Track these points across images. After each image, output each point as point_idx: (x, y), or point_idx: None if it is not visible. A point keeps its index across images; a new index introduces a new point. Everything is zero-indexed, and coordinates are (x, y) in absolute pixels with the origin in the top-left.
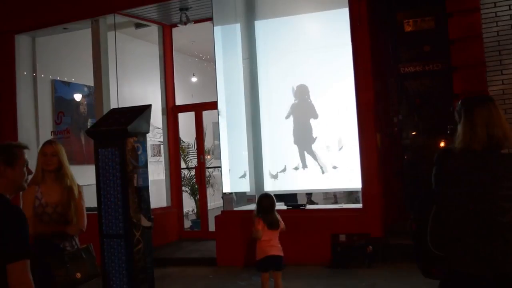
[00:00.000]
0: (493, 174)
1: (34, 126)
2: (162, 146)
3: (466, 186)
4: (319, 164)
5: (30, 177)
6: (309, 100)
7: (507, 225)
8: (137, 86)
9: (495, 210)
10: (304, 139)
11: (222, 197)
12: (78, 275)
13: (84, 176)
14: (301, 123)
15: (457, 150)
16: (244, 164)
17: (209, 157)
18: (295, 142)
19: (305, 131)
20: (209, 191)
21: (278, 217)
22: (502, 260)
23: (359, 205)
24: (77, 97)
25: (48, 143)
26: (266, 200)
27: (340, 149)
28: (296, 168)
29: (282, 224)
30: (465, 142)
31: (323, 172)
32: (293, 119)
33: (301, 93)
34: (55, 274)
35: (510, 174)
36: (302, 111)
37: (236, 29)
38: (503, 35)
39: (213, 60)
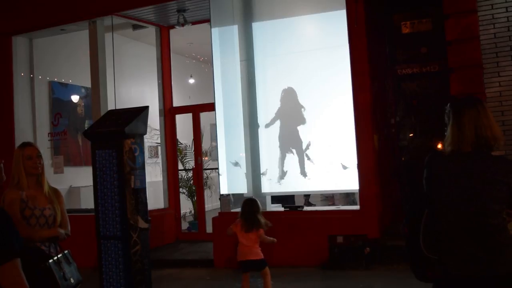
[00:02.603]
0: (483, 176)
1: (31, 128)
2: (159, 147)
3: (457, 188)
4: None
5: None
6: (297, 104)
7: (499, 227)
8: (134, 87)
9: (486, 212)
10: (291, 144)
11: (219, 199)
12: (72, 280)
13: (82, 178)
14: (288, 128)
15: (446, 152)
16: (241, 165)
17: (206, 158)
18: (280, 147)
19: (293, 136)
20: (206, 192)
21: (262, 221)
22: (494, 262)
23: (356, 207)
24: (75, 98)
25: (29, 145)
26: (245, 205)
27: (339, 150)
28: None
29: (260, 229)
30: (454, 144)
31: (305, 177)
32: (280, 124)
33: (288, 96)
34: (57, 280)
35: (500, 176)
36: (289, 115)
37: (234, 31)
38: (500, 37)
39: (210, 62)
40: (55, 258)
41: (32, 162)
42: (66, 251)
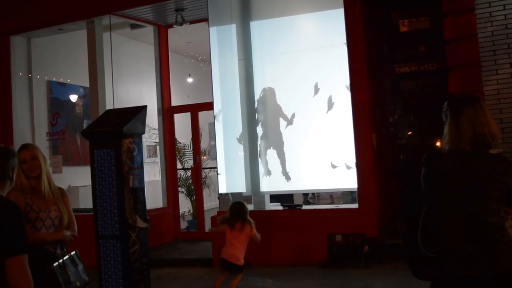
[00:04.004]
0: (481, 175)
1: (30, 127)
2: (158, 147)
3: (455, 187)
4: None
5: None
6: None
7: (497, 225)
8: (132, 87)
9: (484, 211)
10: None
11: (218, 198)
12: (77, 283)
13: (80, 177)
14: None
15: (444, 150)
16: (240, 164)
17: (205, 157)
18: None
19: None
20: (205, 191)
21: (249, 224)
22: (492, 260)
23: (355, 205)
24: (73, 98)
25: (24, 148)
26: (233, 207)
27: (337, 149)
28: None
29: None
30: (452, 142)
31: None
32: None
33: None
34: (60, 283)
35: (498, 175)
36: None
37: (232, 30)
38: (498, 35)
39: (208, 61)
40: (60, 261)
41: (27, 166)
42: (73, 253)
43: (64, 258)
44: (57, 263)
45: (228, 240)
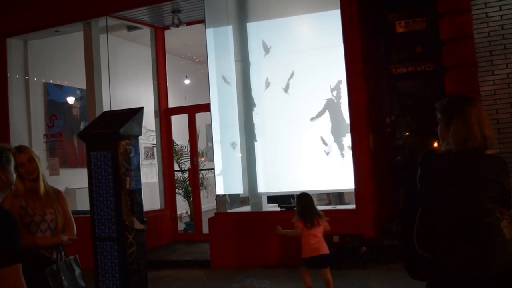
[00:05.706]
0: (477, 175)
1: (27, 130)
2: (155, 148)
3: (451, 187)
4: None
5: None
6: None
7: (492, 225)
8: (129, 88)
9: (480, 211)
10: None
11: (215, 199)
12: None
13: (78, 179)
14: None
15: (441, 151)
16: (237, 166)
17: (202, 159)
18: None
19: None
20: (202, 193)
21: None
22: (488, 260)
23: (352, 206)
24: (70, 100)
25: (19, 151)
26: (301, 200)
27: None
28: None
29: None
30: (459, 143)
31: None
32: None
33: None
34: None
35: (493, 175)
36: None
37: (229, 31)
38: (494, 35)
39: (205, 62)
40: (54, 266)
41: (25, 168)
42: (71, 257)
43: (59, 262)
44: (49, 268)
45: (305, 237)
